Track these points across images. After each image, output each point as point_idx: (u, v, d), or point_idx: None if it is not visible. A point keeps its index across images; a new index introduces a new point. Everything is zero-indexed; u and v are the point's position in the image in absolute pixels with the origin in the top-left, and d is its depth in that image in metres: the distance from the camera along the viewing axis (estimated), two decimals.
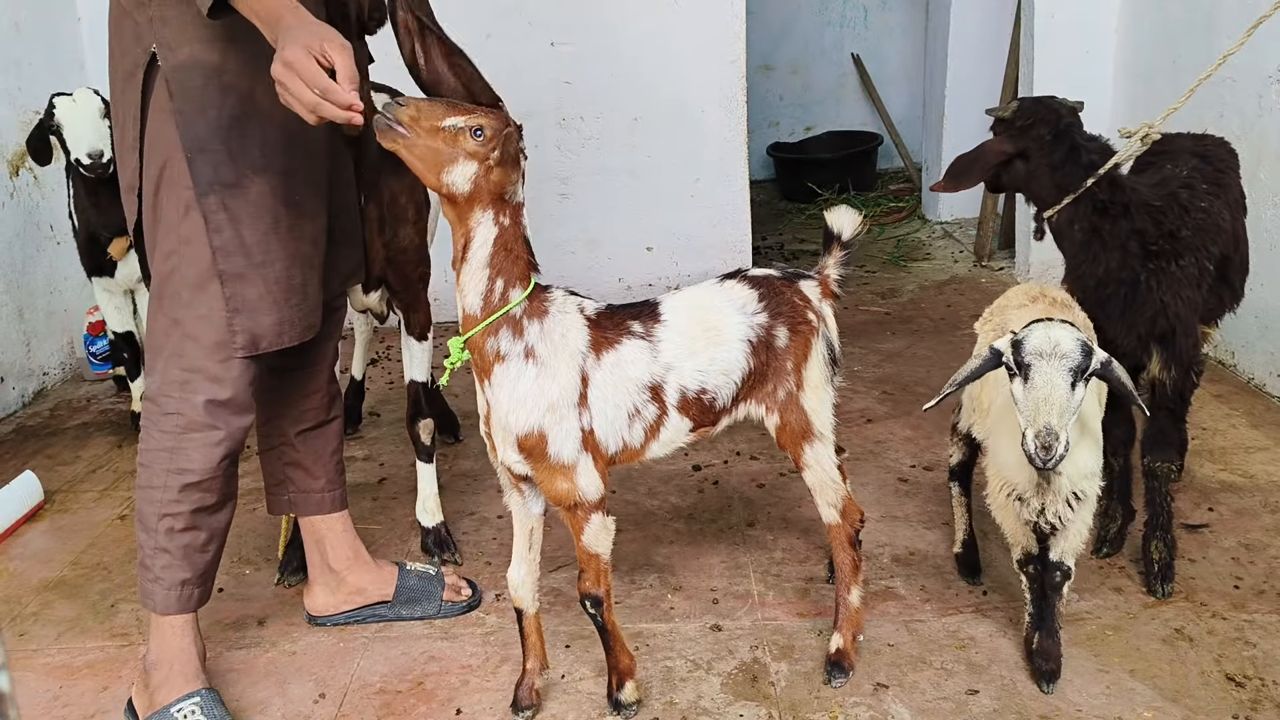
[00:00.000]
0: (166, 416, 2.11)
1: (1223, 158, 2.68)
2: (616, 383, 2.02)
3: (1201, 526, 2.81)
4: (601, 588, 2.10)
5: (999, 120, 2.57)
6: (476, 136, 1.84)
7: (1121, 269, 2.41)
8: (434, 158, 1.84)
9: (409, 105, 1.83)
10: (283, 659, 2.46)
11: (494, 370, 1.97)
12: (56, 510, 3.25)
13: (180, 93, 2.02)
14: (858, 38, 7.50)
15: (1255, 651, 2.30)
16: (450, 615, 2.57)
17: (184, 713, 2.16)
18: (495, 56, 4.67)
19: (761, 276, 2.19)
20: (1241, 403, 3.57)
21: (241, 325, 2.09)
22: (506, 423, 1.99)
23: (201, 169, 2.03)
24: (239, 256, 2.07)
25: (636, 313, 2.10)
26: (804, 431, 2.18)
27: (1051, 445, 1.85)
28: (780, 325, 2.14)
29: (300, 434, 2.49)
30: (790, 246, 5.93)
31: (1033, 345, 1.90)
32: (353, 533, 2.59)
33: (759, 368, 2.13)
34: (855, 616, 2.30)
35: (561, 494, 2.02)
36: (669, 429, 2.10)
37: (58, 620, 2.65)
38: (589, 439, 2.01)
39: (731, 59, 4.67)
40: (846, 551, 2.28)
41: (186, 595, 2.20)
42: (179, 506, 2.13)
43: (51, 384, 4.32)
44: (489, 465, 3.42)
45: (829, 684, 2.26)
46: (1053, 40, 4.61)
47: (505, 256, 1.93)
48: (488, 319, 1.94)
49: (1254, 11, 3.63)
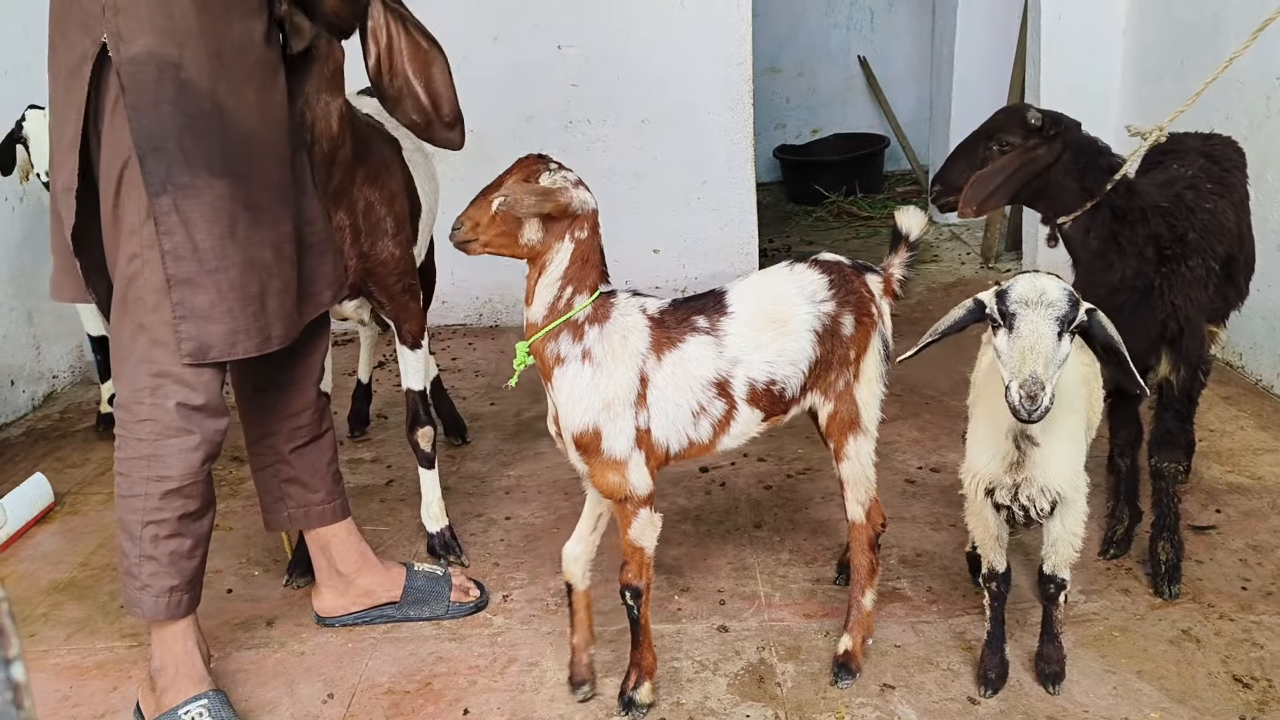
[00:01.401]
0: (140, 424, 2.06)
1: (1230, 157, 2.68)
2: (679, 382, 2.07)
3: (1209, 528, 2.81)
4: (643, 580, 2.15)
5: (1028, 132, 2.44)
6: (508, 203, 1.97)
7: (1137, 275, 2.39)
8: (507, 239, 2.01)
9: (463, 223, 2.02)
10: (291, 659, 2.47)
11: (554, 373, 2.05)
12: (67, 512, 3.27)
13: (133, 87, 1.92)
14: (864, 40, 7.50)
15: (1263, 653, 2.30)
16: (458, 615, 2.57)
17: (191, 715, 2.15)
18: (502, 59, 4.72)
19: (833, 263, 2.24)
20: (1249, 404, 3.57)
21: (189, 332, 2.01)
22: (564, 421, 2.07)
23: (154, 168, 1.94)
24: (190, 261, 1.98)
25: (702, 306, 2.14)
26: (852, 422, 2.22)
27: (1037, 395, 1.78)
28: (847, 314, 2.18)
29: (294, 450, 2.45)
30: (797, 249, 5.93)
31: (1018, 294, 1.86)
32: (358, 536, 2.59)
33: (824, 356, 2.17)
34: (866, 619, 2.31)
35: (612, 488, 2.08)
36: (740, 422, 2.15)
37: (67, 621, 2.67)
38: (644, 437, 2.07)
39: (738, 61, 4.68)
40: (865, 554, 2.30)
41: (175, 601, 2.17)
42: (162, 514, 2.10)
43: (61, 387, 4.34)
44: (497, 468, 3.47)
45: (835, 685, 2.27)
46: (1059, 42, 4.61)
47: (581, 265, 2.03)
48: (548, 325, 2.03)
49: (1261, 13, 3.62)
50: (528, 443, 3.62)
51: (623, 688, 2.24)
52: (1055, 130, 2.44)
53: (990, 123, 2.56)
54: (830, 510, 3.02)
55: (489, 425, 3.78)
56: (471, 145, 4.71)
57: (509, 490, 3.28)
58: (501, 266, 4.76)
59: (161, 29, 1.93)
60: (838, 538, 2.86)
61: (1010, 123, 2.50)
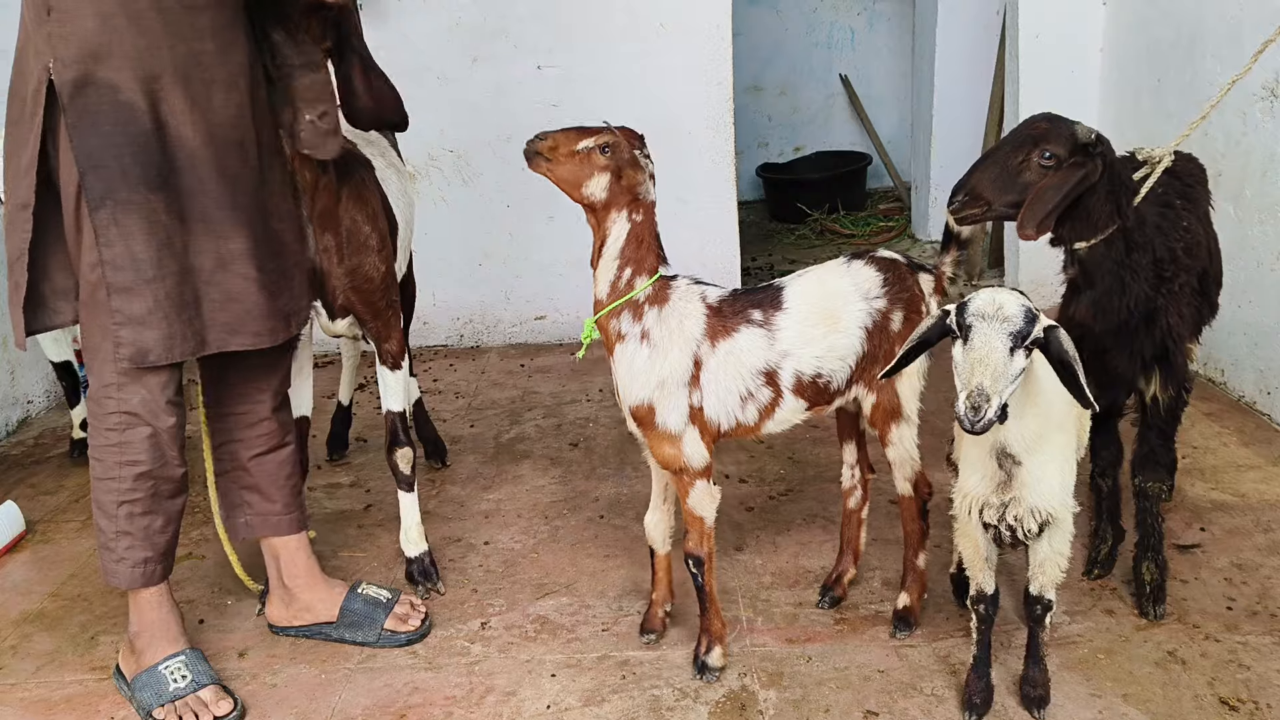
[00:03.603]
0: (109, 415, 2.22)
1: (1192, 172, 2.64)
2: (731, 368, 2.21)
3: (1193, 547, 2.79)
4: (704, 549, 2.28)
5: (1075, 147, 2.24)
6: (605, 153, 2.13)
7: (1148, 298, 2.34)
8: (574, 177, 2.14)
9: (547, 138, 2.14)
10: (263, 691, 2.42)
11: (615, 348, 2.21)
12: (38, 540, 3.21)
13: (73, 109, 2.05)
14: (845, 59, 7.52)
15: (1249, 674, 2.28)
16: (388, 645, 2.55)
17: (170, 669, 2.32)
18: (482, 80, 4.71)
19: (889, 260, 2.35)
20: (1232, 420, 3.56)
21: (127, 338, 2.15)
22: (622, 394, 2.23)
23: (94, 184, 2.07)
24: (128, 271, 2.11)
25: (759, 299, 2.27)
26: (894, 412, 2.35)
27: (980, 406, 1.79)
28: (897, 310, 2.30)
29: (254, 458, 2.54)
30: (780, 267, 5.92)
31: (975, 307, 1.87)
32: (307, 551, 2.63)
33: (872, 350, 2.29)
34: (921, 577, 2.50)
35: (668, 458, 2.23)
36: (784, 409, 2.28)
37: (37, 654, 2.61)
38: (697, 415, 2.21)
39: (719, 80, 4.68)
40: (915, 521, 2.48)
41: (150, 571, 2.32)
42: (135, 494, 2.25)
43: (35, 413, 4.29)
44: (476, 491, 3.43)
45: (894, 636, 2.46)
46: (1038, 60, 4.62)
47: (637, 248, 2.17)
48: (612, 304, 2.18)
49: (1237, 31, 3.66)
50: (508, 465, 3.58)
51: (695, 652, 2.37)
52: (1100, 147, 2.25)
53: (1030, 132, 2.27)
54: (812, 533, 2.99)
55: (468, 448, 3.74)
56: (453, 166, 4.77)
57: (488, 515, 3.24)
58: (483, 287, 4.82)
59: (100, 54, 2.05)
60: (820, 560, 2.83)
61: (1056, 134, 2.24)
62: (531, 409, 4.09)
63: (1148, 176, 2.41)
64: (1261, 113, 3.50)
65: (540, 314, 4.88)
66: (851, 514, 2.62)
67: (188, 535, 3.16)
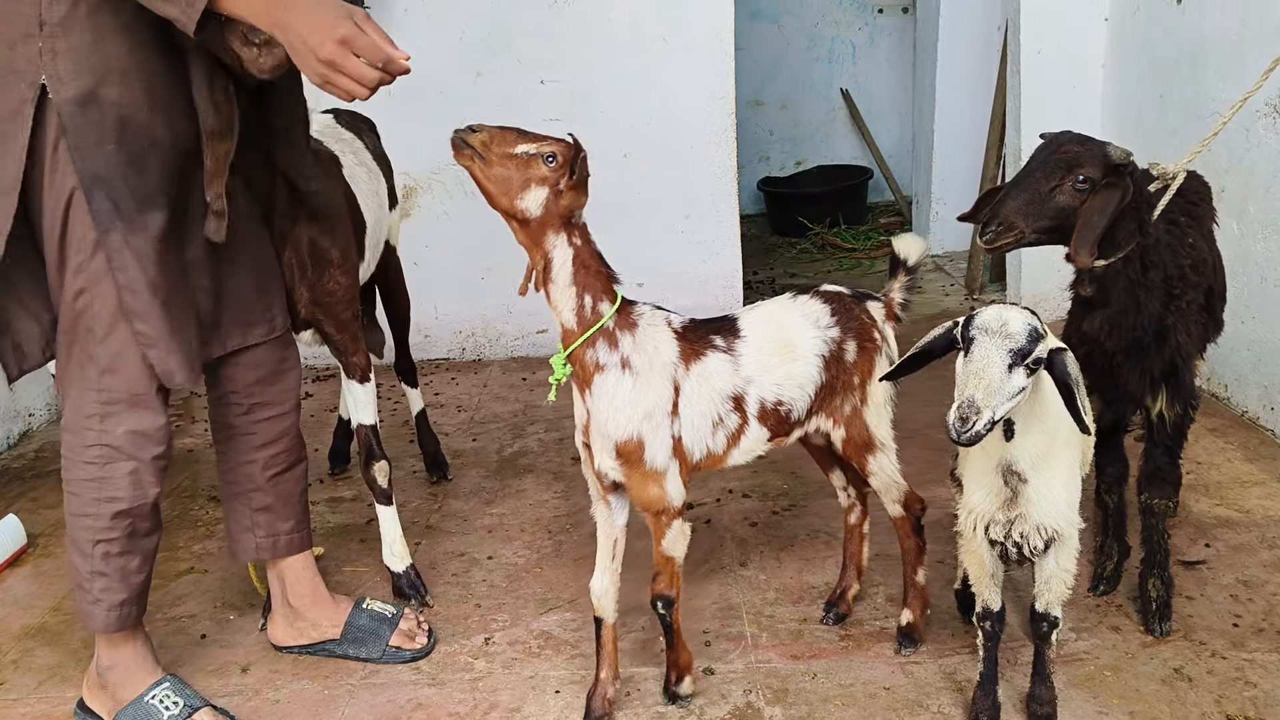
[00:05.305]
0: (89, 449, 2.14)
1: (1196, 189, 2.64)
2: (703, 393, 2.15)
3: (1199, 563, 2.79)
4: (674, 590, 2.21)
5: (1108, 169, 2.21)
6: (549, 163, 1.93)
7: (1161, 316, 2.34)
8: (504, 184, 1.92)
9: (482, 131, 1.92)
10: (266, 707, 2.41)
11: (594, 380, 2.07)
12: (39, 554, 3.20)
13: (75, 128, 1.96)
14: (846, 73, 7.54)
15: (1256, 691, 2.27)
16: (393, 661, 2.53)
17: (158, 698, 2.26)
18: (485, 94, 4.71)
19: (834, 293, 2.34)
20: (1236, 436, 3.55)
21: (156, 359, 2.10)
22: (606, 429, 2.08)
23: (100, 205, 2.00)
24: (145, 293, 2.06)
25: (718, 327, 2.23)
26: (867, 443, 2.34)
27: (969, 418, 1.79)
28: (850, 340, 2.29)
29: (273, 478, 2.48)
30: (781, 281, 5.93)
31: (981, 321, 1.87)
32: (313, 569, 2.60)
33: (830, 381, 2.27)
34: (923, 593, 2.48)
35: (651, 500, 2.13)
36: (749, 437, 2.23)
37: (39, 668, 2.60)
38: (678, 446, 2.13)
39: (721, 94, 4.68)
40: (911, 538, 2.46)
41: (126, 614, 2.26)
42: (112, 533, 2.18)
43: (36, 426, 4.28)
44: (479, 505, 3.42)
45: (899, 652, 2.44)
46: (1040, 75, 4.63)
47: (586, 273, 2.03)
48: (585, 333, 2.04)
49: (1239, 47, 3.66)
50: (510, 479, 3.57)
51: (665, 685, 2.33)
52: (1130, 166, 2.24)
53: (1061, 156, 2.23)
54: (816, 548, 2.98)
55: (471, 462, 3.73)
56: (455, 180, 4.77)
57: (491, 529, 3.23)
58: (485, 301, 4.81)
59: (99, 69, 1.97)
60: (824, 576, 2.82)
61: (1090, 157, 2.21)
62: (534, 423, 4.08)
63: (1162, 193, 2.40)
64: (1265, 129, 3.51)
65: (542, 328, 4.87)
66: (853, 529, 2.62)
67: (189, 549, 3.16)
